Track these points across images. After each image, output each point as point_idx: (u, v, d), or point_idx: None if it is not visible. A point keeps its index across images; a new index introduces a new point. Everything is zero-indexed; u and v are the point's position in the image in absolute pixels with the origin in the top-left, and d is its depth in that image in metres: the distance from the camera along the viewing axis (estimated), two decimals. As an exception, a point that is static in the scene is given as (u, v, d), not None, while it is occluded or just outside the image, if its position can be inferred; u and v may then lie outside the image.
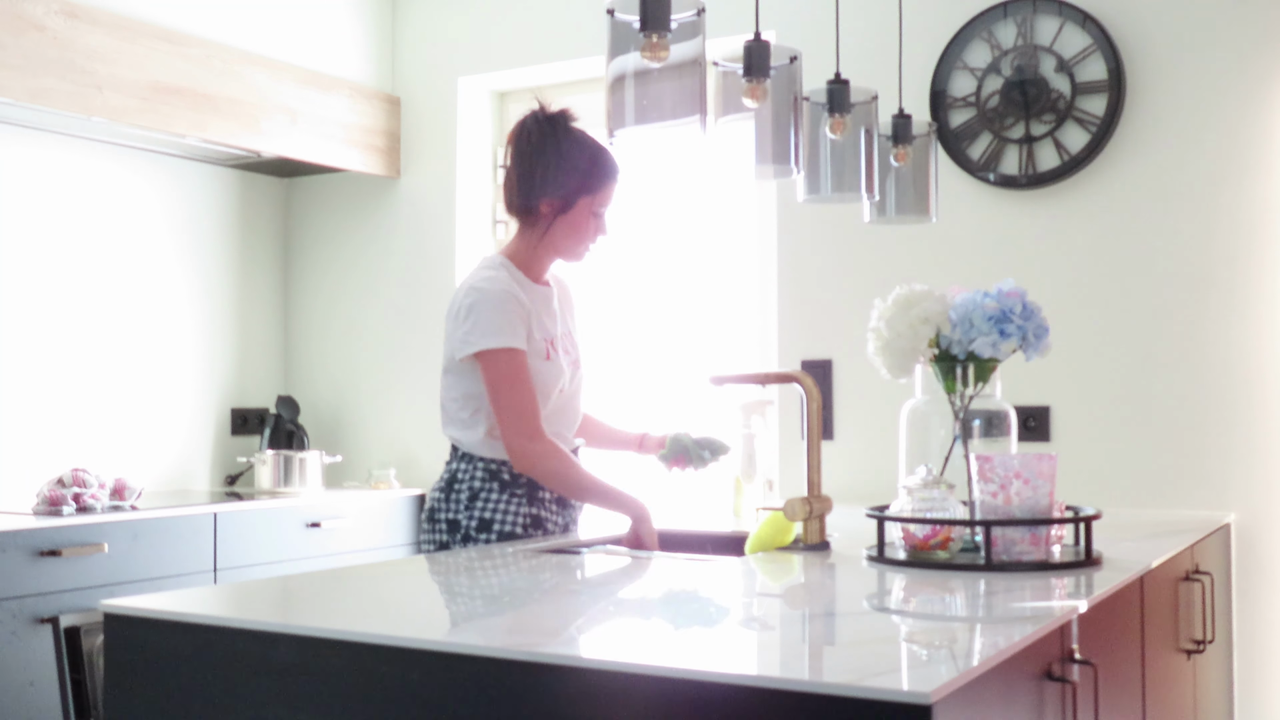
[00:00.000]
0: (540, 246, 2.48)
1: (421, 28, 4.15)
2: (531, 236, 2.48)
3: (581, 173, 2.43)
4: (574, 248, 2.50)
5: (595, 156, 2.45)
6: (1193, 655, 2.51)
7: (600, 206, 2.47)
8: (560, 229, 2.46)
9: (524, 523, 2.42)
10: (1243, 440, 2.98)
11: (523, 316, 2.39)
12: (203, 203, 4.03)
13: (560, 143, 2.42)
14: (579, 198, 2.44)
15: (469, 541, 2.40)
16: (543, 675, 1.31)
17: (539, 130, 2.44)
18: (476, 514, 2.41)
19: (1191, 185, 3.05)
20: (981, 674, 1.28)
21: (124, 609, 1.61)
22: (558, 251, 2.50)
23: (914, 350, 2.16)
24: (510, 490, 2.43)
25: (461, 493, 2.43)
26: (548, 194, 2.43)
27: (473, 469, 2.44)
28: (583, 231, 2.47)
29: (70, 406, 3.60)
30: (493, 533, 2.40)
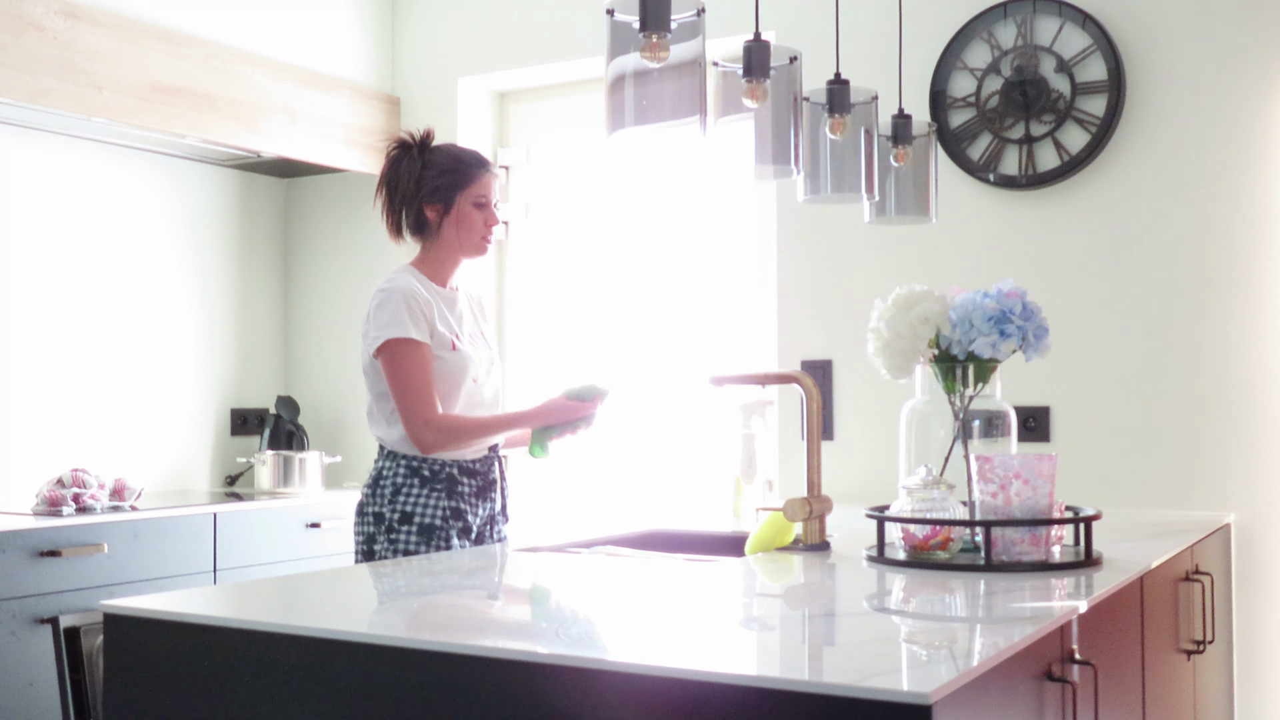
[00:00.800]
0: (440, 250, 2.67)
1: (421, 28, 4.15)
2: (429, 246, 2.68)
3: (451, 172, 2.64)
4: (468, 240, 2.67)
5: (460, 156, 2.67)
6: (1193, 655, 2.51)
7: (479, 198, 2.65)
8: (449, 228, 2.65)
9: (444, 515, 2.57)
10: (1243, 440, 2.98)
11: (423, 311, 2.54)
12: (203, 203, 4.03)
13: (424, 155, 2.65)
14: (455, 194, 2.64)
15: (392, 533, 2.55)
16: (543, 675, 1.31)
17: (400, 153, 2.67)
18: (399, 507, 2.57)
19: (1191, 185, 3.05)
20: (981, 674, 1.28)
21: (124, 609, 1.61)
22: (456, 249, 2.67)
23: (914, 350, 2.16)
24: (430, 485, 2.58)
25: (385, 488, 2.58)
26: (426, 200, 2.64)
27: (395, 466, 2.59)
28: (471, 224, 2.66)
29: (70, 406, 3.60)
30: (413, 524, 2.56)
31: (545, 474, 4.04)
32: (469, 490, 2.62)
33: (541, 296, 4.08)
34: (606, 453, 3.93)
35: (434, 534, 2.55)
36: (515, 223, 4.13)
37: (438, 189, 2.63)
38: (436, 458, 2.58)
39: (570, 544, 2.41)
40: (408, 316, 2.52)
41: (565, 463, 4.00)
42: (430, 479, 2.57)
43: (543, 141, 4.10)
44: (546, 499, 4.05)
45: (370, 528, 2.59)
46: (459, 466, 2.61)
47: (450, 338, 2.59)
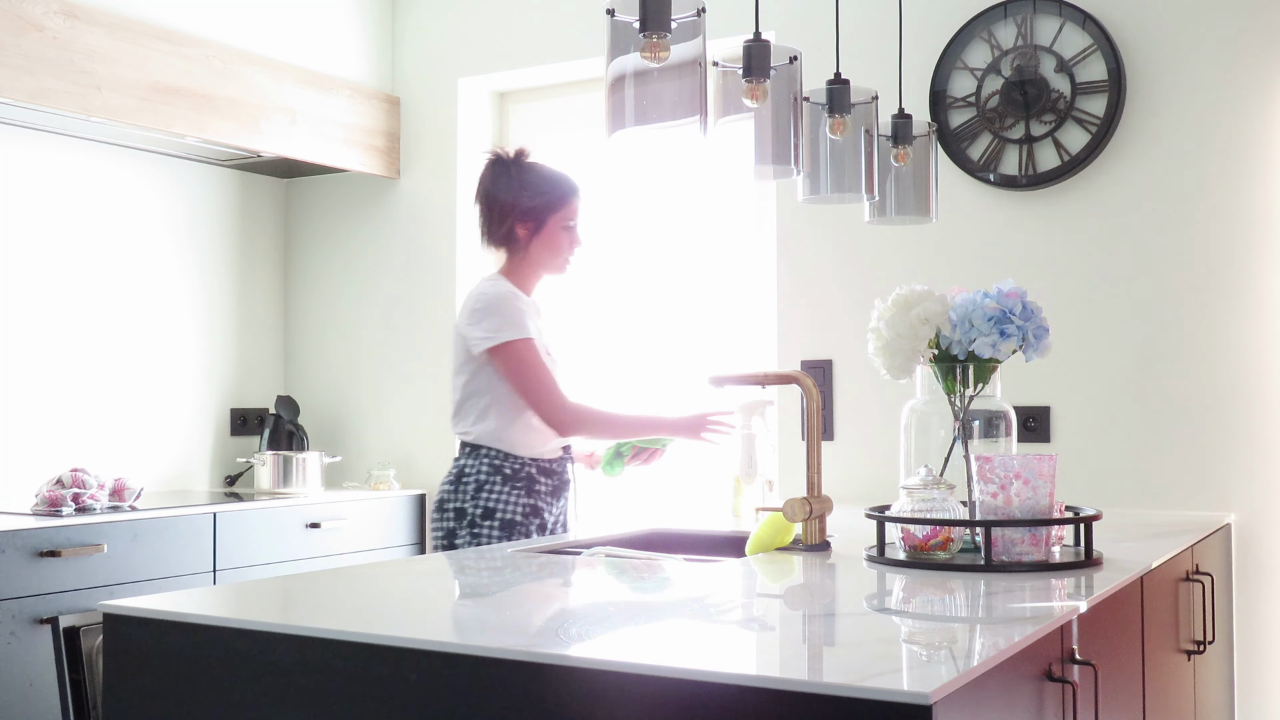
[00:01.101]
0: (524, 266, 2.81)
1: (421, 28, 4.15)
2: (515, 259, 2.81)
3: (544, 194, 2.78)
4: (552, 260, 2.82)
5: (554, 179, 2.81)
6: (1193, 656, 2.51)
7: (568, 221, 2.81)
8: (537, 247, 2.80)
9: (523, 511, 2.72)
10: (1243, 440, 2.98)
11: (528, 315, 2.72)
12: (203, 203, 4.03)
13: (522, 174, 2.78)
14: (548, 216, 2.78)
15: (475, 528, 2.69)
16: (543, 675, 1.31)
17: (498, 168, 2.80)
18: (481, 503, 2.70)
19: (1192, 185, 3.05)
20: (981, 674, 1.28)
21: (123, 609, 1.61)
22: (541, 266, 2.82)
23: (914, 350, 2.16)
24: (511, 483, 2.72)
25: (469, 484, 2.72)
26: (519, 219, 2.77)
27: (479, 463, 2.73)
28: (558, 245, 2.81)
29: (70, 406, 3.60)
30: (495, 520, 2.69)
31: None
32: (545, 489, 2.77)
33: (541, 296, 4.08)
34: None
35: (514, 529, 2.70)
36: (515, 223, 4.13)
37: (530, 208, 2.77)
38: (517, 456, 2.73)
39: (569, 544, 2.41)
40: (522, 317, 2.69)
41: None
42: (511, 477, 2.72)
43: (543, 141, 4.10)
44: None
45: (451, 522, 2.72)
46: (538, 466, 2.77)
47: (542, 347, 2.75)
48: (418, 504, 3.95)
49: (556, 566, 2.06)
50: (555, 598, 1.82)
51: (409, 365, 4.07)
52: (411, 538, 3.92)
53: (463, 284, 4.01)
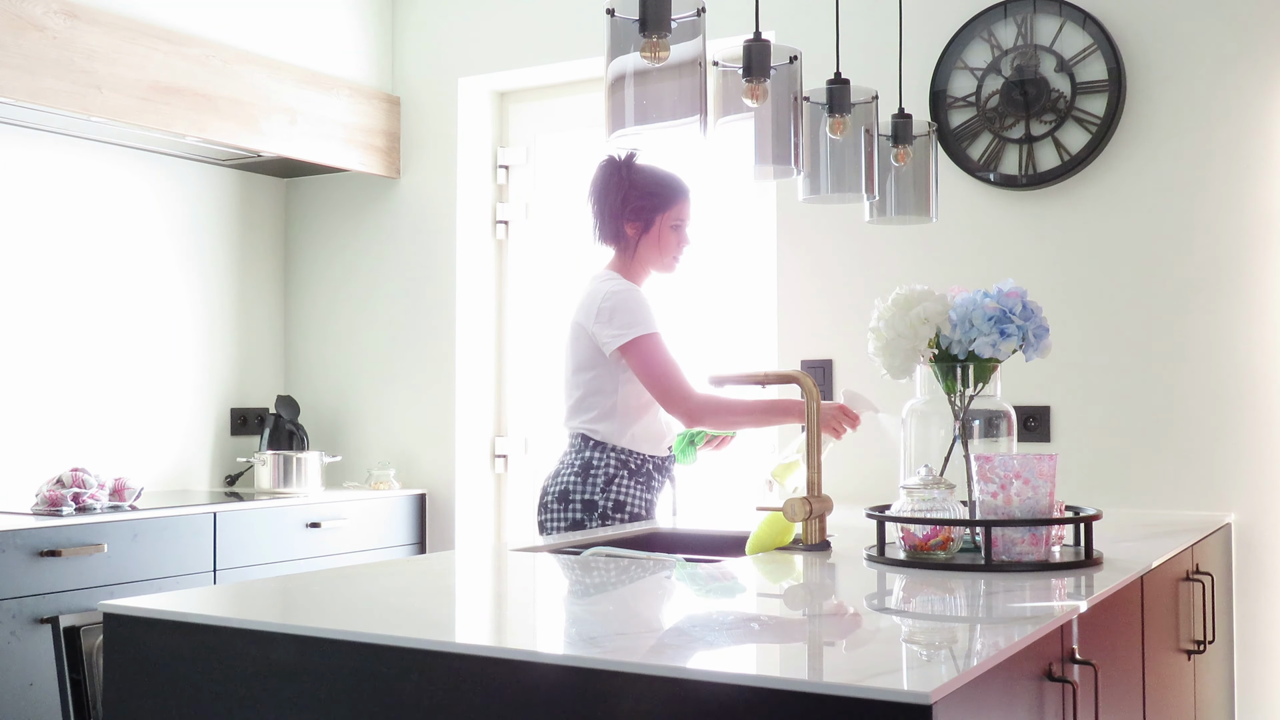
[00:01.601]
0: (633, 264, 2.88)
1: (421, 28, 4.15)
2: (625, 257, 2.88)
3: (653, 195, 2.85)
4: (660, 259, 2.88)
5: (663, 180, 2.88)
6: (1193, 655, 2.51)
7: (676, 221, 2.87)
8: (646, 246, 2.86)
9: (646, 505, 2.83)
10: (1243, 440, 2.97)
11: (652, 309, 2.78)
12: (203, 203, 4.03)
13: (631, 175, 2.86)
14: (655, 216, 2.85)
15: (605, 520, 2.77)
16: (543, 675, 1.31)
17: (609, 169, 2.88)
18: (613, 496, 2.78)
19: (1191, 185, 3.05)
20: (981, 674, 1.28)
21: (123, 609, 1.61)
22: (649, 264, 2.89)
23: (914, 350, 2.16)
24: (635, 477, 2.82)
25: (598, 477, 2.78)
26: (629, 218, 2.84)
27: (606, 457, 2.80)
28: (666, 245, 2.87)
29: (70, 406, 3.60)
30: (625, 513, 2.78)
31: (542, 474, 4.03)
32: (657, 485, 2.87)
33: (541, 297, 4.08)
34: None
35: (639, 523, 2.77)
36: (515, 223, 4.13)
37: (639, 208, 2.84)
38: (639, 453, 2.81)
39: (569, 544, 2.41)
40: (649, 312, 2.76)
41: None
42: (635, 471, 2.81)
43: (543, 141, 4.10)
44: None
45: (578, 513, 2.78)
46: (654, 463, 2.85)
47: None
48: (418, 504, 3.95)
49: (556, 566, 2.06)
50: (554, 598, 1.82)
51: (409, 365, 4.07)
52: (411, 537, 3.92)
53: (462, 283, 4.02)
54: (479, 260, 4.09)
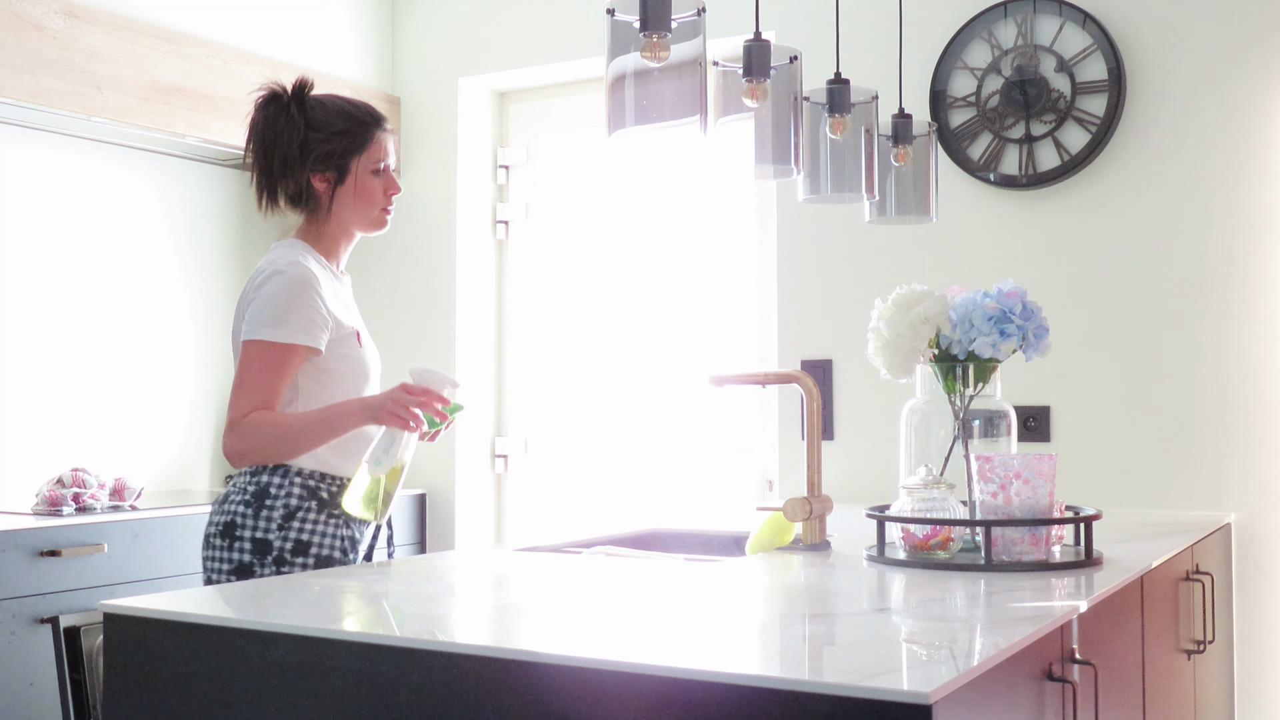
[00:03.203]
0: (330, 225, 2.26)
1: (421, 28, 4.15)
2: (318, 218, 2.26)
3: (341, 134, 2.23)
4: (366, 212, 2.28)
5: (350, 113, 2.26)
6: (1193, 655, 2.51)
7: (377, 163, 2.27)
8: (343, 200, 2.25)
9: (343, 546, 2.17)
10: (1243, 440, 2.97)
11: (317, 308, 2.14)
12: (202, 203, 4.03)
13: (306, 113, 2.22)
14: (350, 160, 2.24)
15: (282, 565, 2.10)
16: (543, 675, 1.31)
17: (274, 108, 2.22)
18: (292, 535, 2.12)
19: (1191, 185, 3.05)
20: (981, 674, 1.28)
21: (123, 609, 1.61)
22: (351, 223, 2.28)
23: (914, 350, 2.16)
24: (329, 509, 2.16)
25: (275, 509, 2.12)
26: (314, 169, 2.22)
27: (286, 484, 2.14)
28: (370, 194, 2.27)
29: (70, 406, 3.60)
30: (309, 556, 2.12)
31: (542, 474, 4.04)
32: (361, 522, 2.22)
33: (541, 296, 4.08)
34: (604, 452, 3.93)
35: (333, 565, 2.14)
36: (515, 223, 4.13)
37: (328, 155, 2.21)
38: (336, 476, 2.19)
39: (569, 544, 2.41)
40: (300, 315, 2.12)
41: (562, 463, 4.00)
42: (329, 502, 2.16)
43: (543, 141, 4.10)
44: (545, 500, 4.04)
45: (246, 556, 2.11)
46: None
47: (354, 332, 2.22)
48: (418, 504, 3.95)
49: (556, 566, 2.06)
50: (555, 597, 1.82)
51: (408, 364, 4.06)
52: (412, 537, 3.91)
53: (462, 283, 4.02)
54: (479, 260, 4.09)
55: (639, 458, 3.88)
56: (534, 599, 1.77)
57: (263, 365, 2.10)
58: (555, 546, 2.38)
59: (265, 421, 2.08)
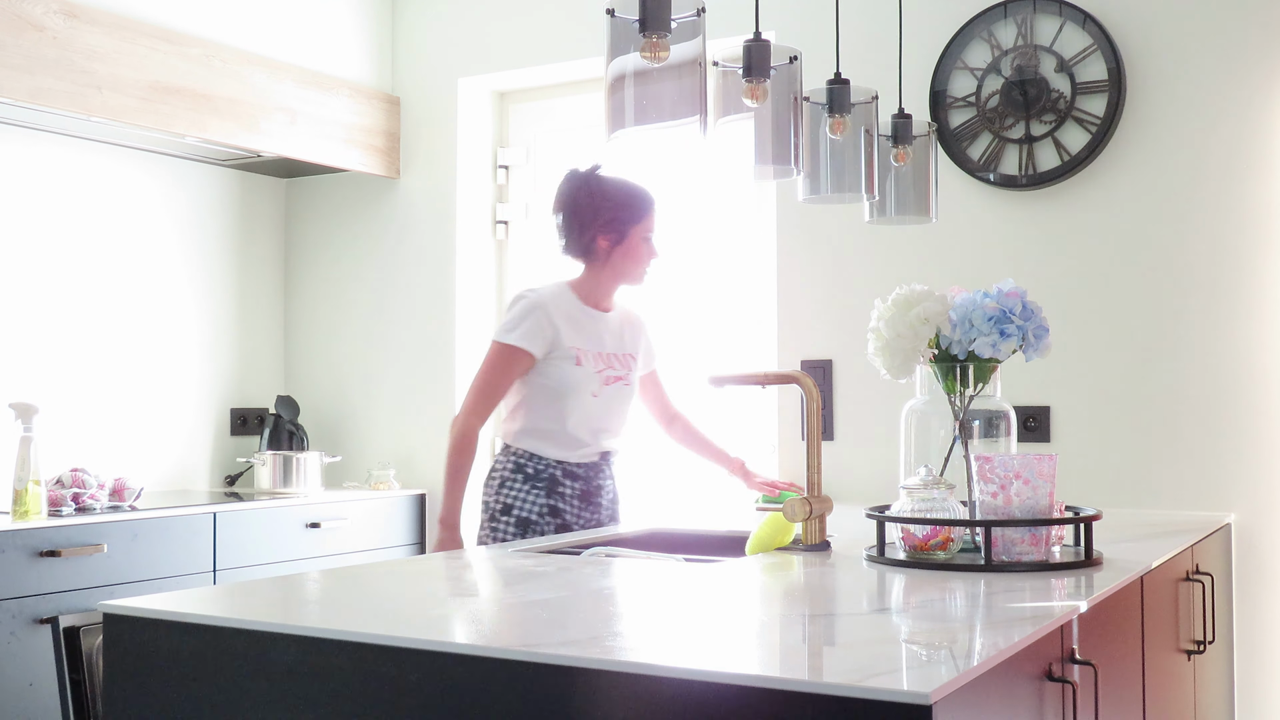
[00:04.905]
0: (603, 276, 2.87)
1: (421, 28, 4.15)
2: (594, 269, 2.87)
3: (625, 206, 2.83)
4: (633, 270, 2.87)
5: (634, 191, 2.86)
6: (1193, 656, 2.51)
7: (648, 233, 2.86)
8: (619, 258, 2.85)
9: (540, 511, 2.78)
10: (1243, 440, 2.97)
11: (544, 324, 2.77)
12: (203, 203, 4.03)
13: (600, 186, 2.84)
14: (629, 228, 2.83)
15: (494, 522, 2.78)
16: (543, 675, 1.31)
17: (576, 182, 2.86)
18: (502, 498, 2.80)
19: (1191, 185, 3.05)
20: (981, 674, 1.28)
21: (123, 609, 1.61)
22: (620, 277, 2.88)
23: (914, 350, 2.16)
24: (533, 482, 2.79)
25: (494, 480, 2.83)
26: (601, 231, 2.82)
27: (505, 460, 2.83)
28: (639, 256, 2.86)
29: (70, 406, 3.60)
30: (511, 516, 2.78)
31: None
32: (570, 492, 2.81)
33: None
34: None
35: (530, 528, 2.77)
36: (515, 223, 4.13)
37: (612, 221, 2.82)
38: (542, 457, 2.80)
39: (569, 544, 2.41)
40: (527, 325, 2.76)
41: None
42: (533, 476, 2.80)
43: (543, 141, 4.10)
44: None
45: (480, 515, 2.85)
46: (563, 469, 2.81)
47: (575, 353, 2.80)
48: (418, 504, 3.95)
49: (556, 566, 2.06)
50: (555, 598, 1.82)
51: (409, 365, 4.07)
52: (411, 538, 3.91)
53: (462, 283, 4.02)
54: (479, 260, 4.09)
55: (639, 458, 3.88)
56: (533, 599, 1.77)
57: (493, 360, 2.79)
58: (555, 547, 2.38)
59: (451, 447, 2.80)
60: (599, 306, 2.89)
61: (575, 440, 2.81)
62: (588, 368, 2.81)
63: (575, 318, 2.83)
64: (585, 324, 2.84)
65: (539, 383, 2.81)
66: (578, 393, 2.80)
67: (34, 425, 3.02)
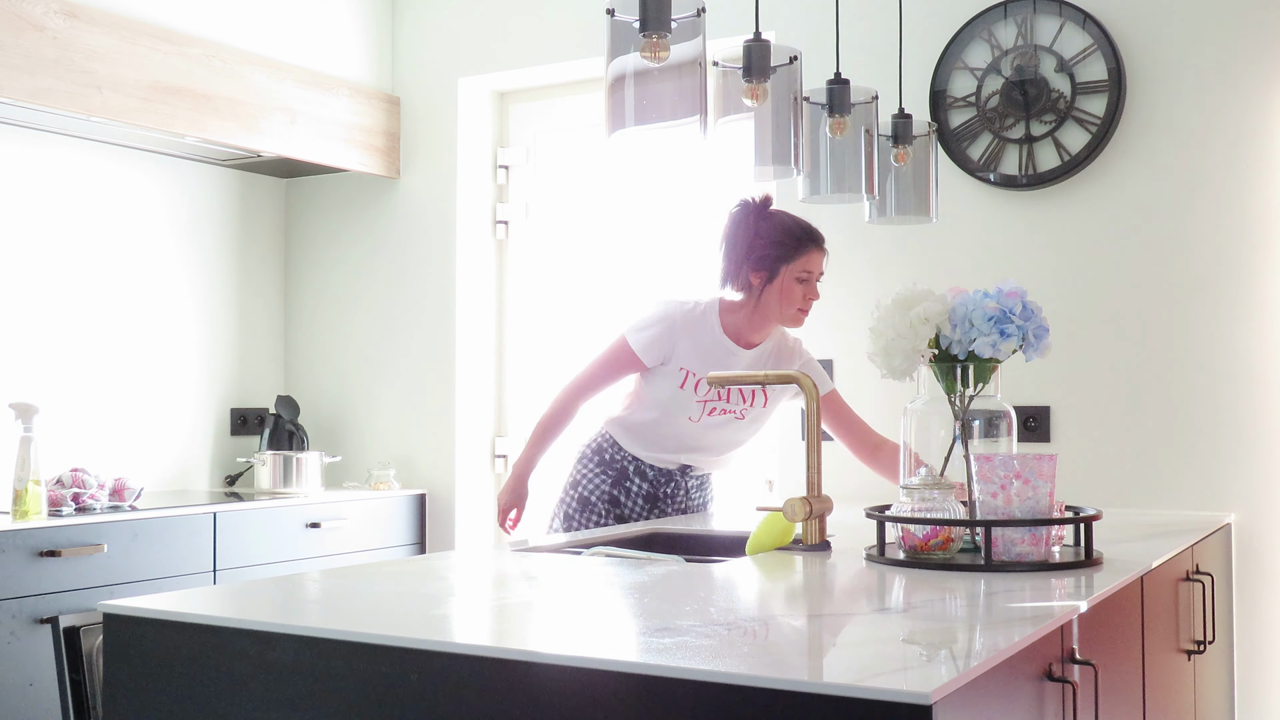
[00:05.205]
0: (756, 312, 2.82)
1: (421, 28, 4.15)
2: (747, 302, 2.83)
3: (779, 245, 2.77)
4: (784, 311, 2.81)
5: (791, 231, 2.79)
6: (1193, 656, 2.51)
7: (802, 273, 2.78)
8: (769, 296, 2.80)
9: (601, 495, 2.87)
10: (1243, 440, 2.97)
11: (666, 339, 2.80)
12: (203, 203, 4.03)
13: (761, 223, 2.79)
14: (781, 267, 2.77)
15: (563, 493, 2.91)
16: (542, 675, 1.31)
17: (741, 215, 2.81)
18: (574, 473, 2.91)
19: (1191, 185, 3.05)
20: (981, 674, 1.28)
21: (123, 609, 1.61)
22: (768, 316, 2.83)
23: (914, 350, 2.16)
24: (605, 467, 2.88)
25: (578, 454, 2.95)
26: (753, 267, 2.78)
27: (593, 439, 2.93)
28: (789, 296, 2.79)
29: (70, 406, 3.60)
30: (576, 491, 2.90)
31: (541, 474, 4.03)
32: (636, 489, 2.87)
33: (541, 296, 4.08)
34: None
35: (588, 509, 2.86)
36: (515, 222, 4.13)
37: (764, 258, 2.77)
38: (621, 447, 2.88)
39: (569, 544, 2.41)
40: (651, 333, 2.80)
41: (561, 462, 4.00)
42: (607, 463, 2.89)
43: (543, 141, 4.10)
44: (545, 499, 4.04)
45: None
46: (635, 465, 2.88)
47: (683, 375, 2.80)
48: (418, 504, 3.95)
49: (557, 566, 2.06)
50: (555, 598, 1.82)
51: (409, 364, 4.07)
52: (412, 538, 3.91)
53: (462, 283, 4.02)
54: (479, 260, 4.09)
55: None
56: (534, 599, 1.77)
57: (613, 351, 2.86)
58: (555, 547, 2.38)
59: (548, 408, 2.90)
60: (741, 341, 2.85)
61: (657, 444, 2.87)
62: (690, 394, 2.81)
63: (704, 345, 2.81)
64: (714, 354, 2.82)
65: (647, 387, 2.86)
66: (675, 412, 2.83)
67: (34, 425, 3.03)
